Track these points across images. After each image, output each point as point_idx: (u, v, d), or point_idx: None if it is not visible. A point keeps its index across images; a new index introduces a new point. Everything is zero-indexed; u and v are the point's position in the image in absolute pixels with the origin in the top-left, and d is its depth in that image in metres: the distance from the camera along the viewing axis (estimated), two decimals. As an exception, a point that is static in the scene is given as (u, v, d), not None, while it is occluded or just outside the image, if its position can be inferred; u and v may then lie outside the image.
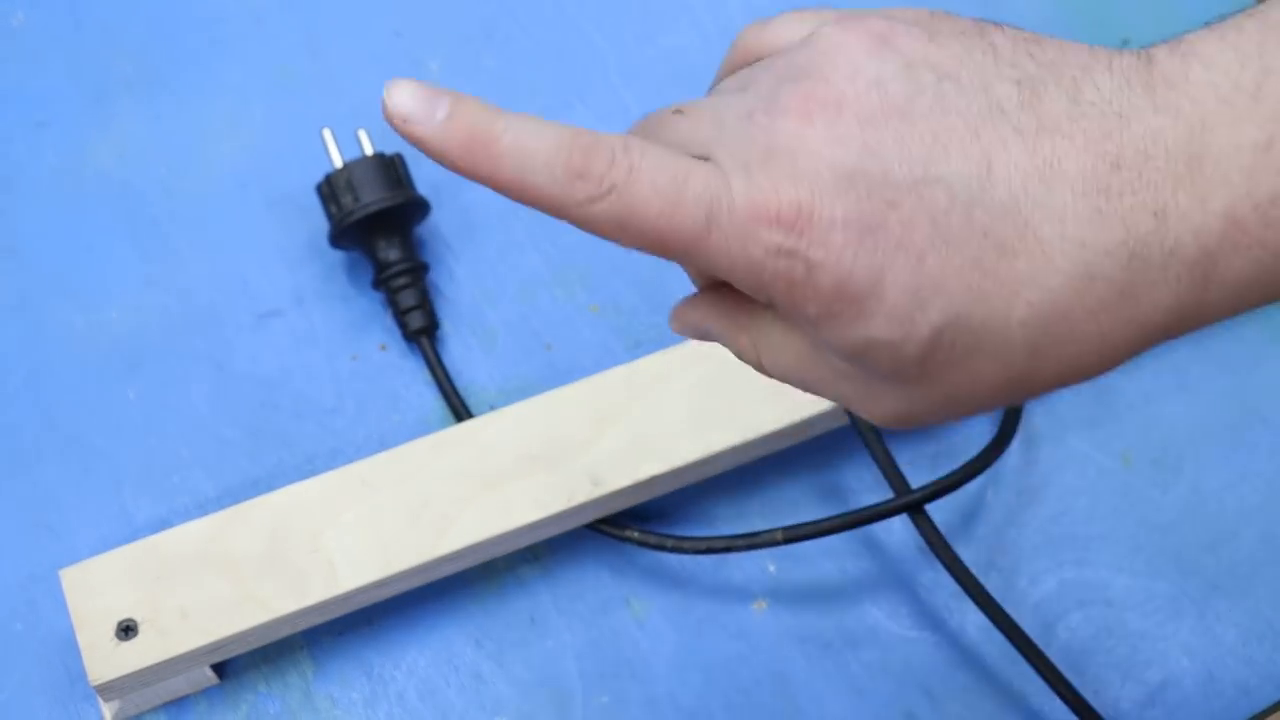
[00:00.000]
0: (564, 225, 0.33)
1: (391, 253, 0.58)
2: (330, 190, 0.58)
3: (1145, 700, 0.52)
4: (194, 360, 0.58)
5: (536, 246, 0.60)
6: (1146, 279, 0.31)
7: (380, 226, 0.57)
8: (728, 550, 0.52)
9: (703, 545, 0.52)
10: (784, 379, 0.36)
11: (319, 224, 0.59)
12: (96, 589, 0.50)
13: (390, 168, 0.58)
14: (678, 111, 0.35)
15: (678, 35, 0.66)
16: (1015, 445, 0.57)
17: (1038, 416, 0.57)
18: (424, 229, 0.61)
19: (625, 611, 0.54)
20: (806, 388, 0.36)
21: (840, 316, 0.32)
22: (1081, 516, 0.56)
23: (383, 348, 0.59)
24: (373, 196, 0.57)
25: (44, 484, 0.55)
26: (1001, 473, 0.56)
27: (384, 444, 0.55)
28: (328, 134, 0.59)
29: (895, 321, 0.31)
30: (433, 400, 0.58)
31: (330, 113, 0.63)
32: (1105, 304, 0.31)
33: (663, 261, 0.33)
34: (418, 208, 0.58)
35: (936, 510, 0.55)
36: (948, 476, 0.52)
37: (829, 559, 0.55)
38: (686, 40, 0.65)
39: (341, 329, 0.59)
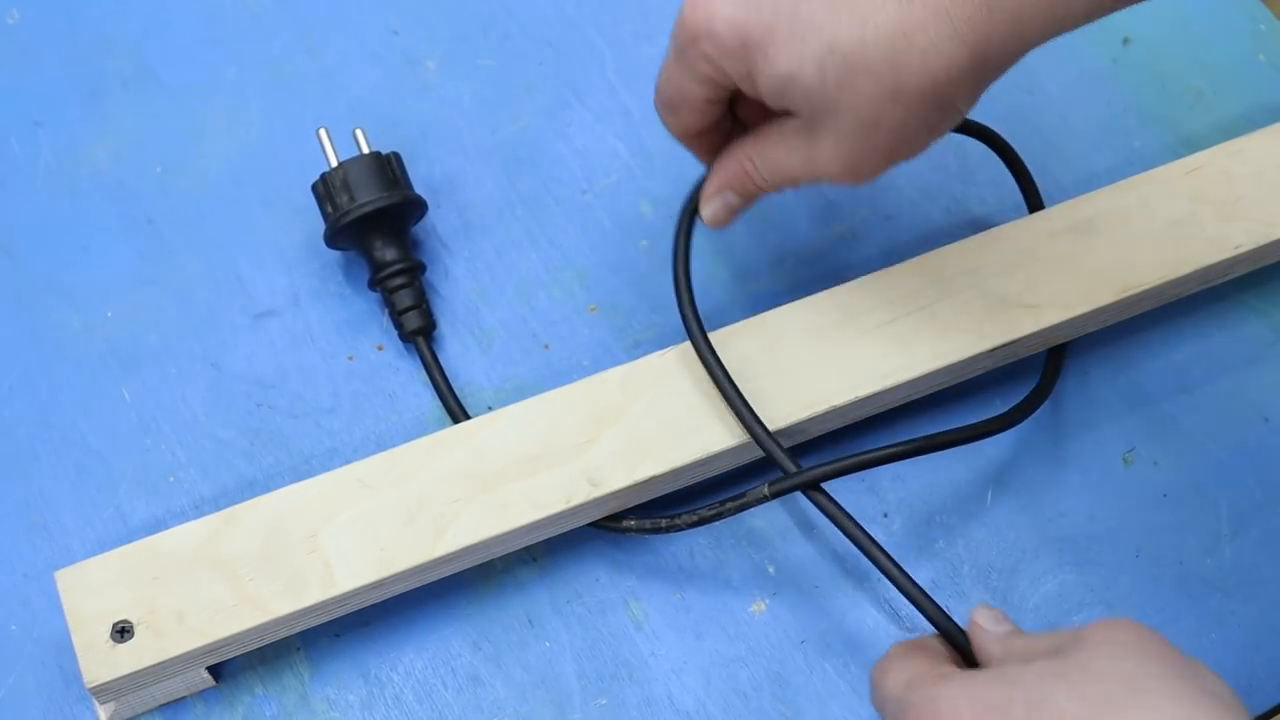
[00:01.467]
0: (562, 225, 0.33)
1: (388, 252, 0.57)
2: (326, 189, 0.57)
3: (1146, 702, 0.52)
4: (190, 360, 0.58)
5: (534, 246, 0.60)
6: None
7: (376, 226, 0.57)
8: (718, 516, 0.52)
9: (694, 518, 0.52)
10: (778, 178, 0.49)
11: (315, 223, 0.59)
12: (92, 590, 0.49)
13: (386, 167, 0.57)
14: None
15: (676, 34, 0.65)
16: (1014, 446, 0.57)
17: (1038, 417, 0.57)
18: (421, 228, 0.60)
19: (624, 613, 0.54)
20: (794, 178, 0.49)
21: (757, 64, 0.45)
22: (1082, 517, 0.55)
23: (379, 348, 0.58)
24: (369, 196, 0.56)
25: (39, 485, 0.55)
26: (1002, 474, 0.56)
27: (381, 445, 0.55)
28: (323, 133, 0.58)
29: (789, 56, 0.45)
30: (429, 401, 0.57)
31: (326, 111, 0.63)
32: (924, 23, 0.43)
33: (661, 262, 0.33)
34: (414, 207, 0.58)
35: (938, 510, 0.55)
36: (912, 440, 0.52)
37: (828, 559, 0.55)
38: (685, 39, 0.65)
39: (338, 329, 0.59)
